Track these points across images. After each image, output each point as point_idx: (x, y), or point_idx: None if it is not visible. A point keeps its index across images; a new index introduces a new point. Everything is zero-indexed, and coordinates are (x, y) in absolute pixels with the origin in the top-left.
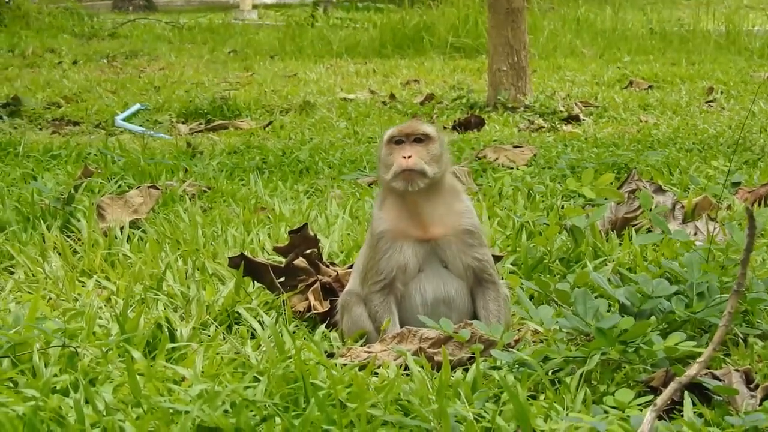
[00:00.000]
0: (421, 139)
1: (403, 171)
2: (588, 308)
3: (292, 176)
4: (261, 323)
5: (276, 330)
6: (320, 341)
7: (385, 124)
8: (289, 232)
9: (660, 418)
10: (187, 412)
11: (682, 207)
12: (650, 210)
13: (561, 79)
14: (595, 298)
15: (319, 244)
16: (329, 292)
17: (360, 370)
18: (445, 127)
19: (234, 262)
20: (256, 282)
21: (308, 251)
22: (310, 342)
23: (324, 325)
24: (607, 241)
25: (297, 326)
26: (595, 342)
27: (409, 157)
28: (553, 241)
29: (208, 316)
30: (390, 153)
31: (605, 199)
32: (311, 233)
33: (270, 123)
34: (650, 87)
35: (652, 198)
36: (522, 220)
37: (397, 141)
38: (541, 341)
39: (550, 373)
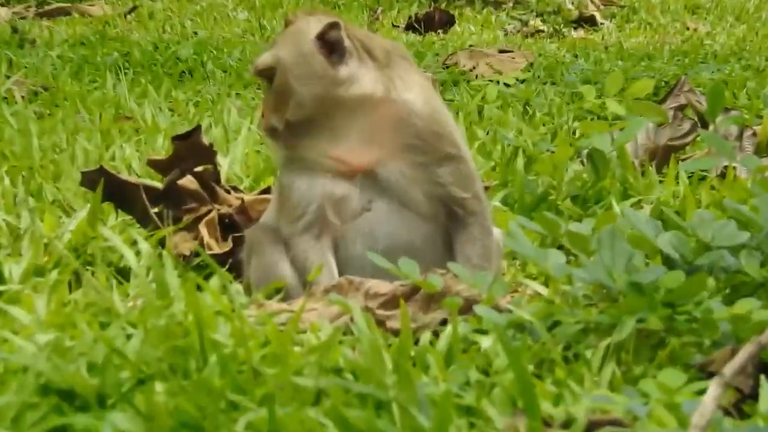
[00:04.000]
0: (268, 75)
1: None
2: (617, 255)
3: (169, 80)
4: (137, 254)
5: (157, 264)
6: (217, 293)
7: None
8: (172, 137)
9: (726, 413)
10: (27, 369)
11: (753, 134)
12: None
13: None
14: None
15: (217, 161)
16: (230, 228)
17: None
18: (396, 26)
19: (89, 179)
20: (120, 210)
21: (200, 168)
22: (205, 287)
23: (223, 270)
24: (642, 176)
25: (182, 273)
26: (628, 303)
27: (262, 116)
28: (562, 171)
29: (47, 258)
30: None
31: (640, 117)
32: (205, 141)
33: (134, 8)
34: None
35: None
36: (516, 143)
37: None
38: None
39: (560, 348)
